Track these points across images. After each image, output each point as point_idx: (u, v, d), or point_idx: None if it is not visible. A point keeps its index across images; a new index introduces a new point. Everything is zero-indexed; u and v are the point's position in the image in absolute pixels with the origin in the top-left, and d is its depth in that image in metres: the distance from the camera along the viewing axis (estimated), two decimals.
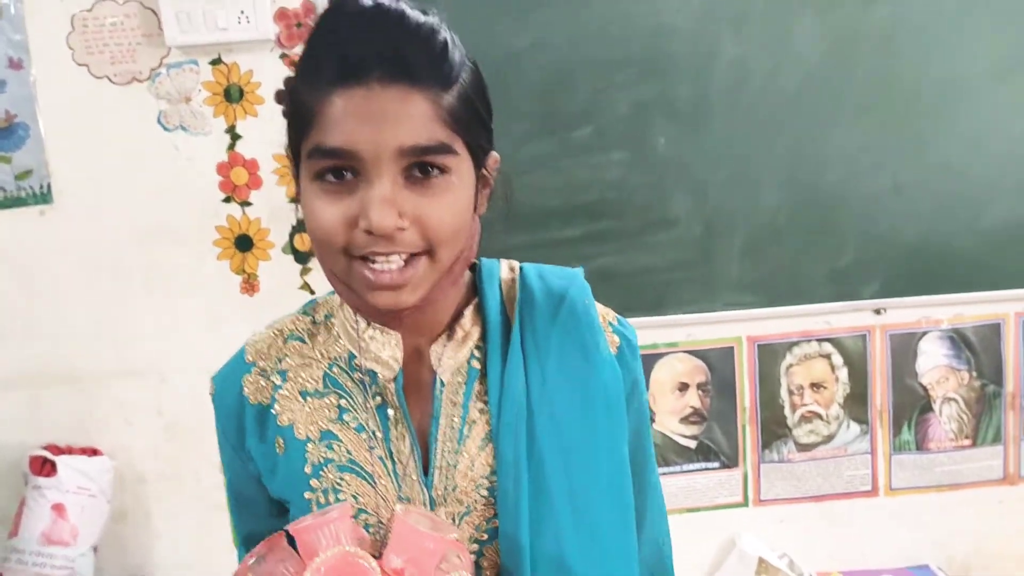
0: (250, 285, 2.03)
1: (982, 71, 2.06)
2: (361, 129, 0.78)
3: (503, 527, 0.86)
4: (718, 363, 2.14)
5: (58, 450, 1.95)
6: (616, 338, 0.96)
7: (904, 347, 2.18)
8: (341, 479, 0.89)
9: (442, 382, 0.90)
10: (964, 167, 2.09)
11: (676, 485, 2.14)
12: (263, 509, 0.97)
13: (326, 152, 0.79)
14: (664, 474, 2.13)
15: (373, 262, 0.80)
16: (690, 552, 2.17)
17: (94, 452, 1.98)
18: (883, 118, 2.07)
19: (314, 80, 0.80)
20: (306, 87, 0.81)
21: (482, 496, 0.88)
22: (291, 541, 0.85)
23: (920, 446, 2.20)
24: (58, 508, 1.87)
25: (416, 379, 0.91)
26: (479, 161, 0.86)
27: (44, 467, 1.91)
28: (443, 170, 0.80)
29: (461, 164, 0.82)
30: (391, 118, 0.78)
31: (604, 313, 0.97)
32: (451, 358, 0.91)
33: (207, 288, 2.02)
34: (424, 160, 0.79)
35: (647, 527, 0.99)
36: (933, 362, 2.19)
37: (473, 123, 0.83)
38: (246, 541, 1.00)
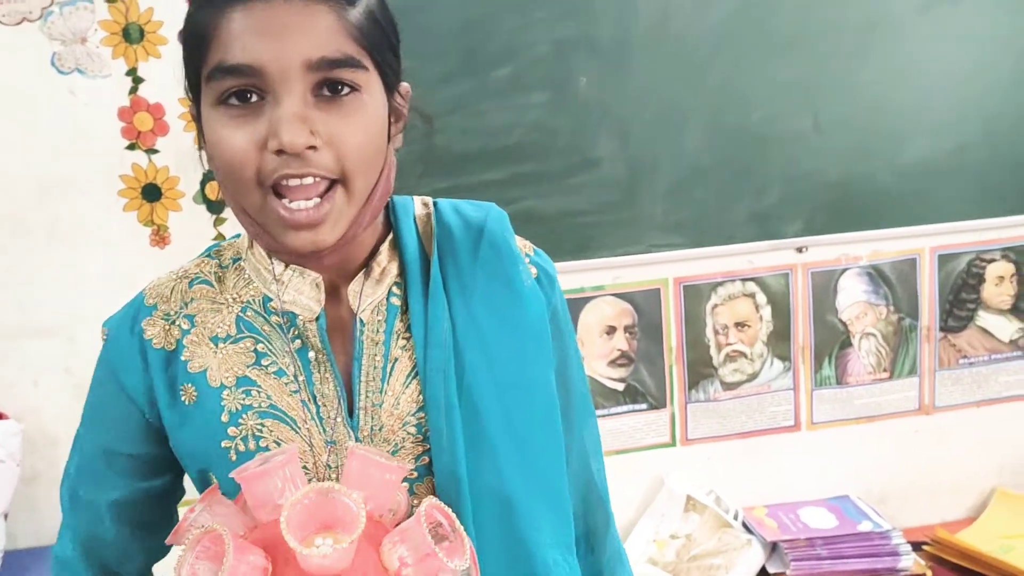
0: (160, 237, 1.95)
1: (903, 6, 2.08)
2: (264, 43, 0.73)
3: (438, 465, 0.85)
4: (645, 305, 2.14)
5: None
6: (533, 268, 0.95)
7: (825, 284, 2.21)
8: (262, 425, 0.85)
9: (362, 321, 0.87)
10: (883, 104, 2.12)
11: (605, 428, 2.15)
12: (142, 467, 0.92)
13: (227, 70, 0.74)
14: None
15: (285, 196, 0.76)
16: (620, 492, 2.16)
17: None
18: (806, 56, 2.07)
19: None
20: (202, 6, 0.76)
21: (409, 434, 0.86)
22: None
23: (840, 380, 2.25)
24: None
25: (335, 319, 0.88)
26: (390, 87, 0.82)
27: None
28: (353, 87, 0.77)
29: (371, 83, 0.79)
30: (295, 31, 0.74)
31: (522, 245, 0.96)
32: (369, 296, 0.88)
33: (114, 241, 1.92)
34: (333, 76, 0.75)
35: (575, 455, 0.99)
36: (852, 298, 2.23)
37: (381, 42, 0.79)
38: (116, 507, 0.93)
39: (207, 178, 1.93)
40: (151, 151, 1.90)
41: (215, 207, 1.95)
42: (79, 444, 0.95)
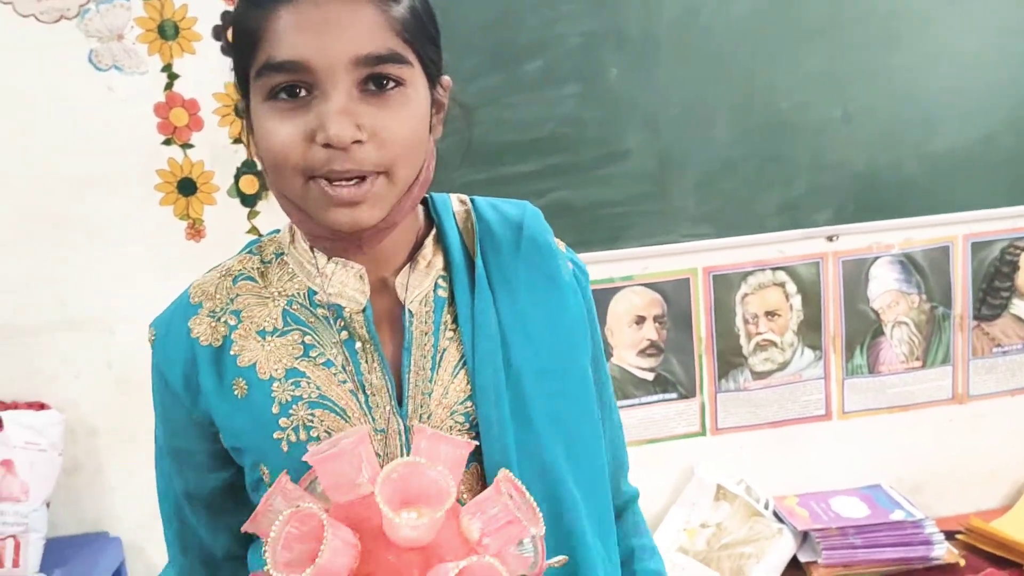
0: (196, 231, 1.98)
1: None
2: (312, 40, 0.76)
3: (488, 453, 0.87)
4: (674, 295, 2.15)
5: (3, 405, 1.90)
6: (569, 263, 0.97)
7: (856, 273, 2.20)
8: (312, 415, 0.86)
9: (411, 312, 0.89)
10: (912, 92, 2.11)
11: (635, 417, 2.16)
12: (204, 461, 0.95)
13: (277, 67, 0.77)
14: (623, 407, 2.14)
15: (331, 182, 0.78)
16: (650, 482, 2.19)
17: (41, 406, 1.93)
18: (833, 46, 2.07)
19: None
20: (250, 5, 0.78)
21: (457, 422, 0.88)
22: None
23: (872, 369, 2.24)
24: (6, 464, 1.83)
25: (383, 311, 0.90)
26: (432, 79, 0.84)
27: None
28: (398, 82, 0.79)
29: (415, 77, 0.81)
30: (342, 27, 0.76)
31: (556, 242, 0.98)
32: (416, 287, 0.90)
33: (151, 235, 1.95)
34: (378, 71, 0.78)
35: (608, 443, 1.01)
36: (884, 287, 2.22)
37: (423, 36, 0.81)
38: (188, 497, 0.97)
39: (241, 172, 1.95)
40: (186, 146, 1.93)
41: (249, 200, 1.97)
42: (155, 435, 0.98)
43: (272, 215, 1.90)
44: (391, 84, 0.78)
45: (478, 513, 0.78)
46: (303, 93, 0.77)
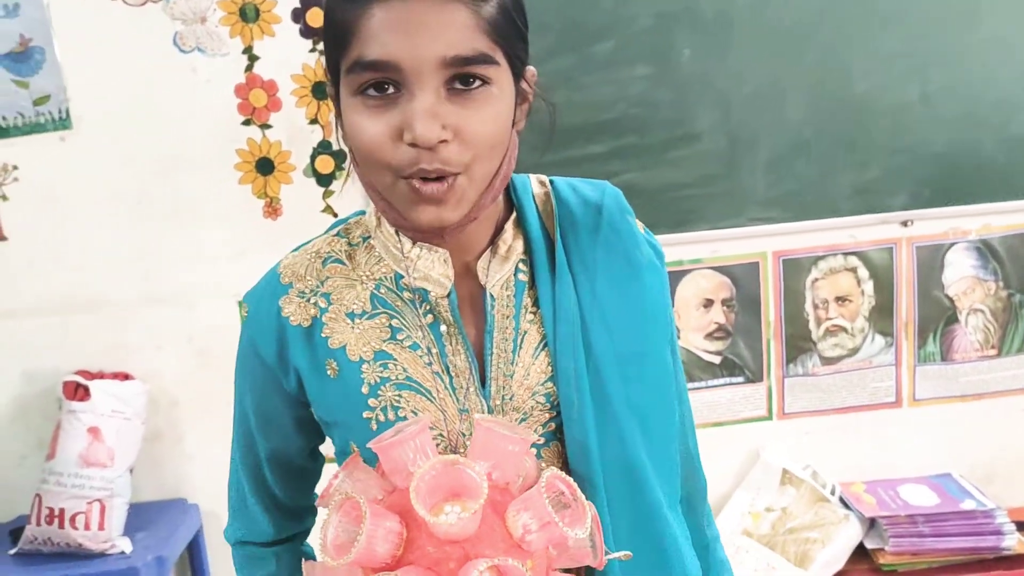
0: (273, 209, 2.03)
1: None
2: (402, 40, 0.77)
3: (569, 434, 0.89)
4: (743, 279, 2.14)
5: (90, 375, 1.98)
6: (646, 247, 0.97)
7: (931, 259, 2.16)
8: (399, 396, 0.89)
9: (492, 296, 0.91)
10: (992, 75, 2.06)
11: (701, 400, 2.16)
12: (289, 426, 0.98)
13: (367, 65, 0.79)
14: (690, 389, 2.14)
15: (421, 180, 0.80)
16: (715, 465, 2.18)
17: (126, 377, 2.01)
18: (910, 27, 2.03)
19: None
20: (342, 1, 0.80)
21: (538, 403, 0.91)
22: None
23: (945, 357, 2.21)
24: (94, 431, 1.91)
25: (465, 295, 0.92)
26: (518, 74, 0.86)
27: (78, 392, 1.93)
28: (484, 81, 0.80)
29: (502, 75, 0.82)
30: (432, 28, 0.77)
31: (636, 223, 0.98)
32: (497, 272, 0.92)
33: (230, 213, 2.01)
34: (465, 71, 0.79)
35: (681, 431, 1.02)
36: (960, 273, 2.18)
37: (512, 33, 0.82)
38: (269, 459, 1.01)
39: (317, 152, 2.00)
40: (265, 126, 1.98)
41: (324, 180, 2.02)
42: (236, 402, 1.02)
43: (345, 194, 1.94)
44: (477, 83, 0.80)
45: (523, 510, 0.79)
46: (391, 90, 0.79)
